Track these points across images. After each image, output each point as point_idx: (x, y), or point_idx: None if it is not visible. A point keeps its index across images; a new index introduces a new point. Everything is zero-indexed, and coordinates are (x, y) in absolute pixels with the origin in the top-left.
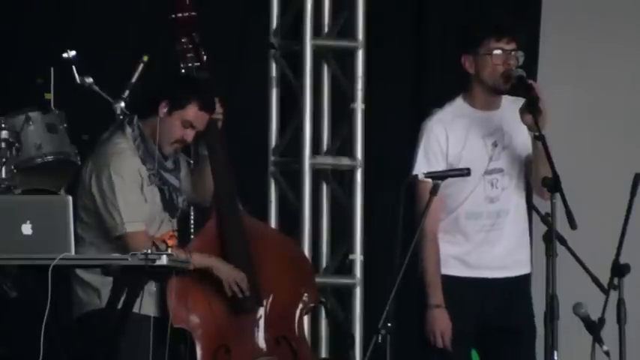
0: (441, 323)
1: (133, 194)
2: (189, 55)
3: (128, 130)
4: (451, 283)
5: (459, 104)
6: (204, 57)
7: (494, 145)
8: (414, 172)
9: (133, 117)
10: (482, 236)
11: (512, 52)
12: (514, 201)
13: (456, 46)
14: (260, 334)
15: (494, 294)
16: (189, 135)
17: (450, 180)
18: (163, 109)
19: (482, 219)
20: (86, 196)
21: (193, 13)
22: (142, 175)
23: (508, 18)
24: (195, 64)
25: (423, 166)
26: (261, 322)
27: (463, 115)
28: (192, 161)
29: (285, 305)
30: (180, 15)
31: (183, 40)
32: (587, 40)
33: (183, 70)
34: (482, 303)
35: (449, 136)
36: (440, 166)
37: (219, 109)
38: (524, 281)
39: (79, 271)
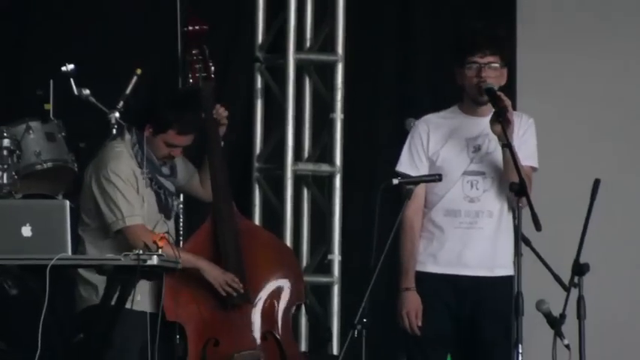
0: (410, 304)
1: (131, 192)
2: (197, 65)
3: (127, 136)
4: (426, 278)
5: (452, 109)
6: (212, 68)
7: (477, 148)
8: (397, 168)
9: (132, 126)
10: (459, 233)
11: (486, 65)
12: (498, 204)
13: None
14: (249, 328)
15: (469, 291)
16: (176, 152)
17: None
18: (149, 130)
19: (461, 217)
20: (87, 198)
21: (205, 27)
22: (137, 176)
23: (488, 31)
24: (203, 74)
25: (406, 161)
26: (251, 318)
27: (452, 117)
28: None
29: (273, 302)
30: (191, 28)
31: (194, 52)
32: (555, 54)
33: (190, 81)
34: (456, 300)
35: (430, 134)
36: (421, 162)
37: (224, 112)
38: (503, 282)
39: (80, 270)
